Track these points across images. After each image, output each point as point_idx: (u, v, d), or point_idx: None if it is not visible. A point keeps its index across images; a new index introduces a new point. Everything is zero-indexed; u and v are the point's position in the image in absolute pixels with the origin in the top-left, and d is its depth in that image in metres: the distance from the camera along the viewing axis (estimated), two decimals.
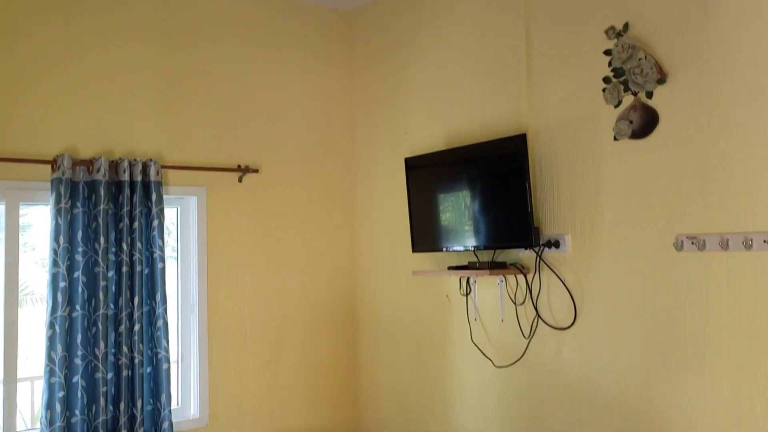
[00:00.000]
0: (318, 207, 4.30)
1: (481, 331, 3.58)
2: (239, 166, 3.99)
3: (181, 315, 3.87)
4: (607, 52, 2.98)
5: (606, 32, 2.98)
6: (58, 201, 3.30)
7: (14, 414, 3.34)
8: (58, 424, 3.25)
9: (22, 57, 3.39)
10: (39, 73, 3.42)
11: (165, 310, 3.56)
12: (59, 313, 3.28)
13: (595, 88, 3.04)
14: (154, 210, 3.55)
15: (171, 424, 3.53)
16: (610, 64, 2.98)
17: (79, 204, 3.40)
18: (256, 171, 4.03)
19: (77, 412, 3.33)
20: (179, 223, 3.90)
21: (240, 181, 4.01)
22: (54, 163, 3.32)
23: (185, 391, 3.84)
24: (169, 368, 3.55)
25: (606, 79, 2.99)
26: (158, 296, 3.55)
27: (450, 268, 3.56)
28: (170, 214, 3.91)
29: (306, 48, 4.30)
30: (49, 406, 3.25)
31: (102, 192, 3.41)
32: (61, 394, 3.26)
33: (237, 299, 3.98)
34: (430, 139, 3.85)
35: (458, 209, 3.58)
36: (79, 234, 3.38)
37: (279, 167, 4.16)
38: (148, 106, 3.73)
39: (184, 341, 3.86)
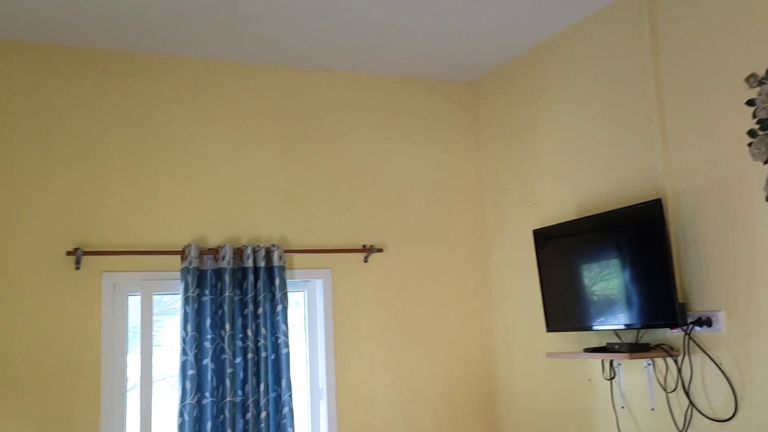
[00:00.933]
0: (448, 284, 4.13)
1: (629, 421, 3.19)
2: (364, 246, 3.93)
3: (311, 400, 3.79)
4: (750, 102, 2.63)
5: (746, 80, 2.65)
6: (186, 290, 3.39)
7: None
8: None
9: (155, 154, 3.57)
10: (168, 168, 3.59)
11: (290, 396, 3.50)
12: (188, 401, 3.31)
13: (739, 143, 2.69)
14: (278, 295, 3.55)
15: None
16: (754, 116, 2.62)
17: (206, 292, 3.47)
18: (381, 250, 3.95)
19: None
20: (306, 307, 3.88)
21: (365, 261, 3.94)
22: (182, 254, 3.43)
23: None
24: None
25: (751, 132, 2.64)
26: (283, 382, 3.51)
27: (587, 350, 3.24)
28: (299, 298, 3.90)
29: (429, 122, 4.23)
30: None
31: (227, 279, 3.47)
32: None
33: (366, 383, 3.85)
34: (561, 208, 3.59)
35: (593, 284, 3.27)
36: (207, 321, 3.44)
37: (405, 245, 4.06)
38: (272, 192, 3.79)
39: (314, 428, 3.77)
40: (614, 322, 3.11)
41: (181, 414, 3.31)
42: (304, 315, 3.88)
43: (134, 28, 3.31)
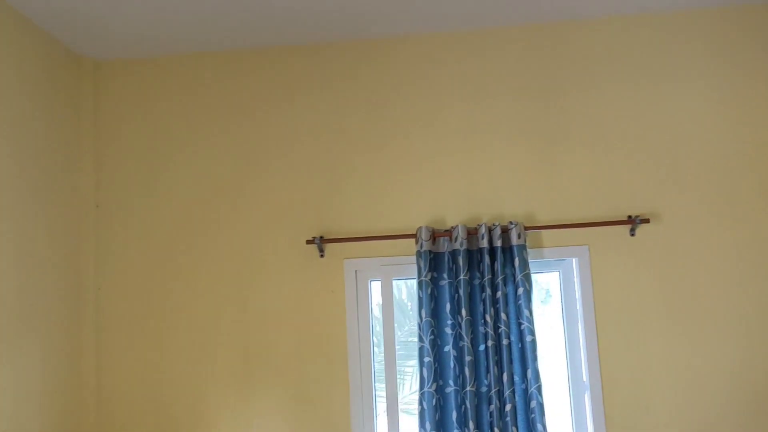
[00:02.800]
0: (745, 260, 3.32)
1: None
2: (629, 216, 3.37)
3: (573, 394, 3.38)
4: None
5: None
6: (419, 273, 3.28)
7: None
8: None
9: (391, 138, 3.53)
10: (405, 151, 3.52)
11: (539, 388, 3.15)
12: (426, 389, 3.20)
13: None
14: (518, 277, 3.22)
15: None
16: None
17: (443, 275, 3.31)
18: (648, 221, 3.34)
19: None
20: (562, 289, 3.47)
21: (632, 234, 3.38)
22: (416, 237, 3.33)
23: None
24: None
25: None
26: (530, 373, 3.17)
27: None
28: (551, 280, 3.52)
29: (722, 59, 3.45)
30: None
31: (461, 261, 3.26)
32: None
33: (638, 376, 3.30)
34: None
35: None
36: (444, 306, 3.28)
37: (684, 214, 3.37)
38: (515, 165, 3.47)
39: (578, 424, 3.35)
40: None
41: (420, 402, 3.21)
42: (560, 298, 3.47)
43: (357, 14, 3.32)
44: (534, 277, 3.43)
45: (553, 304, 3.53)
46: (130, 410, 3.44)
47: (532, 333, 3.19)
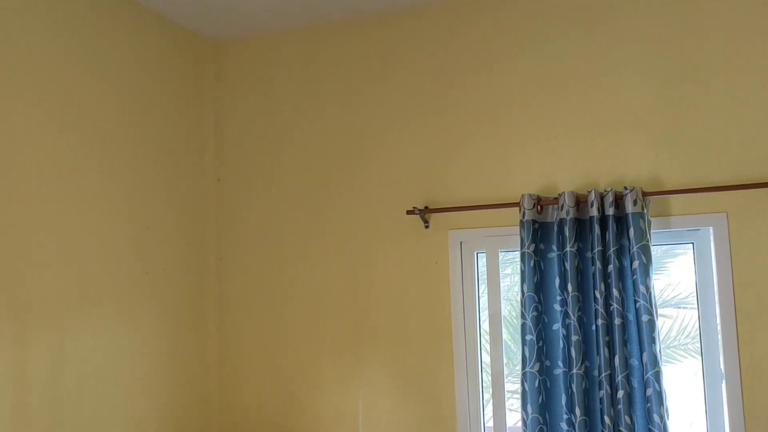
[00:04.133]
0: None
1: None
2: None
3: (707, 383, 2.96)
4: None
5: None
6: (522, 245, 3.04)
7: None
8: None
9: (499, 103, 3.30)
10: (512, 110, 3.26)
11: (656, 375, 2.79)
12: (528, 369, 2.97)
13: None
14: (634, 248, 2.86)
15: None
16: None
17: (549, 247, 3.05)
18: None
19: None
20: (696, 263, 3.03)
21: None
22: (519, 206, 3.08)
23: None
24: None
25: None
26: (645, 356, 2.82)
27: None
28: (683, 252, 3.09)
29: None
30: None
31: (566, 232, 2.97)
32: None
33: None
34: None
35: None
36: (552, 281, 3.02)
37: None
38: (637, 121, 3.07)
39: (712, 416, 2.93)
40: None
41: (522, 383, 2.99)
42: (693, 274, 3.03)
43: None
44: (656, 250, 3.02)
45: (684, 282, 3.10)
46: (250, 376, 3.59)
47: (650, 312, 2.82)
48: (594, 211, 2.93)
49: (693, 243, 3.04)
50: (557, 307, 3.01)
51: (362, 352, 3.41)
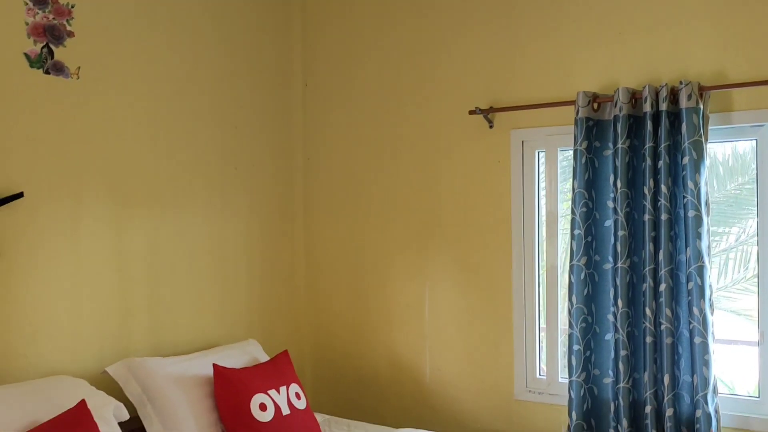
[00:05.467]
0: None
1: None
2: None
3: (761, 294, 2.92)
4: None
5: None
6: (575, 142, 3.09)
7: (556, 360, 3.32)
8: (574, 378, 3.06)
9: None
10: (576, 6, 3.25)
11: (699, 270, 2.81)
12: (574, 262, 3.07)
13: None
14: (685, 144, 2.84)
15: (711, 416, 2.77)
16: None
17: (605, 144, 3.09)
18: None
19: (592, 368, 3.07)
20: (758, 162, 2.94)
21: None
22: (575, 103, 3.12)
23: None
24: (704, 344, 2.79)
25: None
26: (689, 251, 2.83)
27: None
28: (744, 149, 3.00)
29: None
30: (569, 356, 3.11)
31: (619, 128, 2.98)
32: (576, 347, 3.06)
33: None
34: None
35: None
36: (606, 177, 3.07)
37: None
38: (705, 13, 2.97)
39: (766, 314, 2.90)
40: None
41: (569, 274, 3.10)
42: (756, 171, 2.95)
43: None
44: (713, 147, 2.96)
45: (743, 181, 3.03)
46: (331, 268, 3.94)
47: (696, 208, 2.82)
48: (648, 107, 2.92)
49: (756, 140, 2.95)
50: (610, 203, 3.07)
51: (429, 247, 3.64)
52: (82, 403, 2.37)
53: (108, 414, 2.54)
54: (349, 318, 3.90)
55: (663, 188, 2.89)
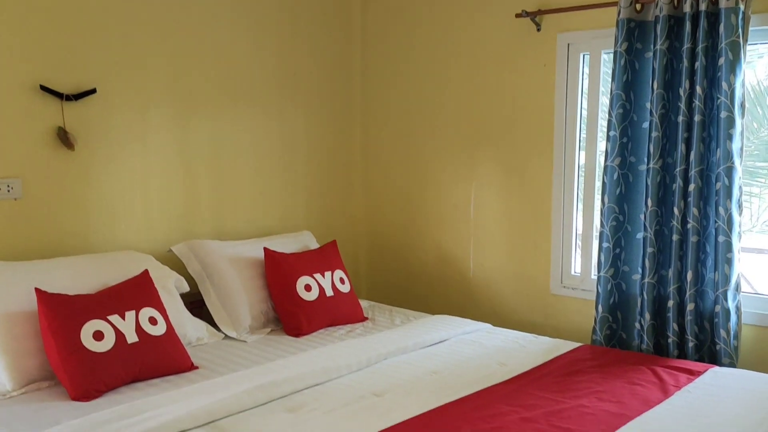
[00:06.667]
0: None
1: None
2: None
3: None
4: None
5: None
6: (615, 43, 3.12)
7: (590, 258, 3.45)
8: (602, 273, 3.20)
9: None
10: None
11: (728, 170, 2.84)
12: (608, 162, 3.15)
13: None
14: (722, 44, 2.83)
15: (729, 312, 2.87)
16: None
17: (647, 46, 3.10)
18: None
19: (621, 265, 3.20)
20: None
21: None
22: (617, 4, 3.12)
23: None
24: (728, 243, 2.86)
25: None
26: (719, 152, 2.87)
27: None
28: None
29: None
30: (599, 253, 3.24)
31: (658, 29, 2.98)
32: (606, 245, 3.19)
33: None
34: None
35: None
36: (646, 79, 3.10)
37: None
38: None
39: None
40: None
41: (603, 174, 3.19)
42: None
43: None
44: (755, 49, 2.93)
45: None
46: (386, 168, 4.16)
47: (729, 109, 2.83)
48: (687, 7, 2.91)
49: None
50: (648, 105, 3.10)
51: (476, 151, 3.78)
52: (145, 273, 2.74)
53: (170, 285, 2.92)
54: (400, 215, 4.14)
55: (698, 89, 2.90)
